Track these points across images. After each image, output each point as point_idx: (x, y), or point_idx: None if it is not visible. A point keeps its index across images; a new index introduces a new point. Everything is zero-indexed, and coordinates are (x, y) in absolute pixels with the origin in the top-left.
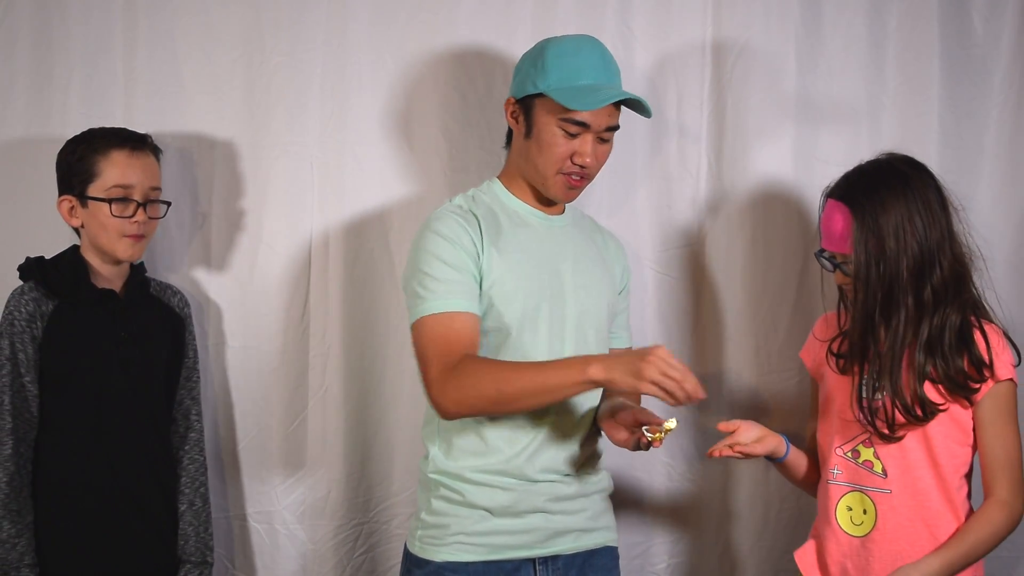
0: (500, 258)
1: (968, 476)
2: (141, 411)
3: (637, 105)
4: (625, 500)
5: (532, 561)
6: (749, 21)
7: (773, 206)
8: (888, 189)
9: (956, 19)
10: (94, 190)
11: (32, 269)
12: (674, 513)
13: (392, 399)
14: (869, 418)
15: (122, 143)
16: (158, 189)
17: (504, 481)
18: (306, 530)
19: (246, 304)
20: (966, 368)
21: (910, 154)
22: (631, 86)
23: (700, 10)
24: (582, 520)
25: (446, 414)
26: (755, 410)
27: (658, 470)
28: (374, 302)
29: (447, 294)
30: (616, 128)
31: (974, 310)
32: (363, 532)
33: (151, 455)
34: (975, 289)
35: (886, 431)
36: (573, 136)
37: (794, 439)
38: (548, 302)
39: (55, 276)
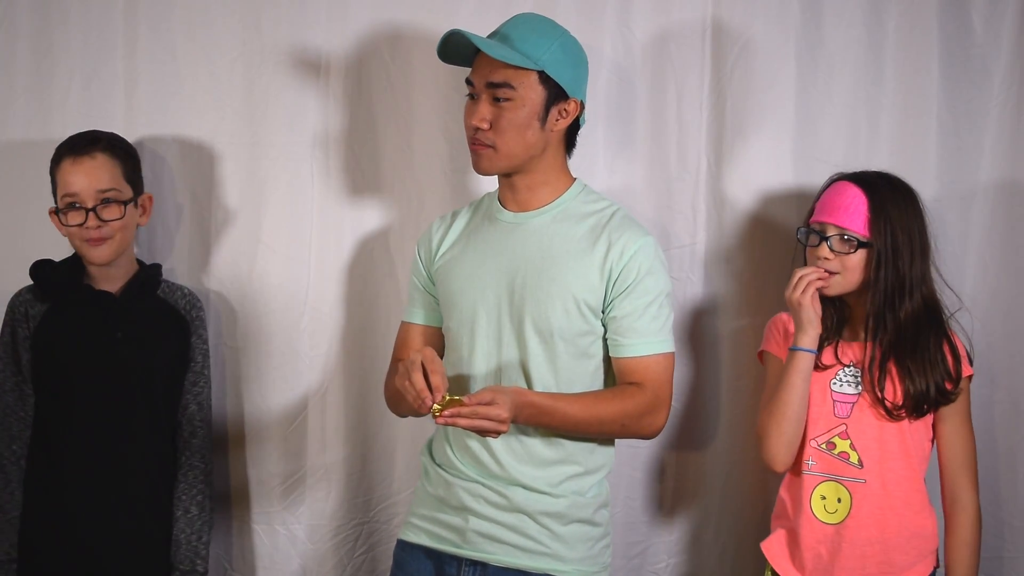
0: (457, 262)
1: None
2: (136, 413)
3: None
4: (624, 500)
5: (460, 561)
6: (749, 21)
7: (773, 206)
8: (906, 195)
9: (956, 19)
10: (58, 201)
11: (32, 271)
12: (673, 512)
13: None
14: (878, 388)
15: (67, 152)
16: (111, 190)
17: (446, 474)
18: (306, 530)
19: (246, 304)
20: (945, 382)
21: (910, 153)
22: (631, 84)
23: (700, 10)
24: (516, 536)
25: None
26: (751, 410)
27: (657, 469)
28: (374, 302)
29: (410, 305)
30: (503, 85)
31: (944, 331)
32: (363, 532)
33: (144, 458)
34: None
35: (892, 407)
36: (473, 100)
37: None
38: (488, 306)
39: (50, 278)
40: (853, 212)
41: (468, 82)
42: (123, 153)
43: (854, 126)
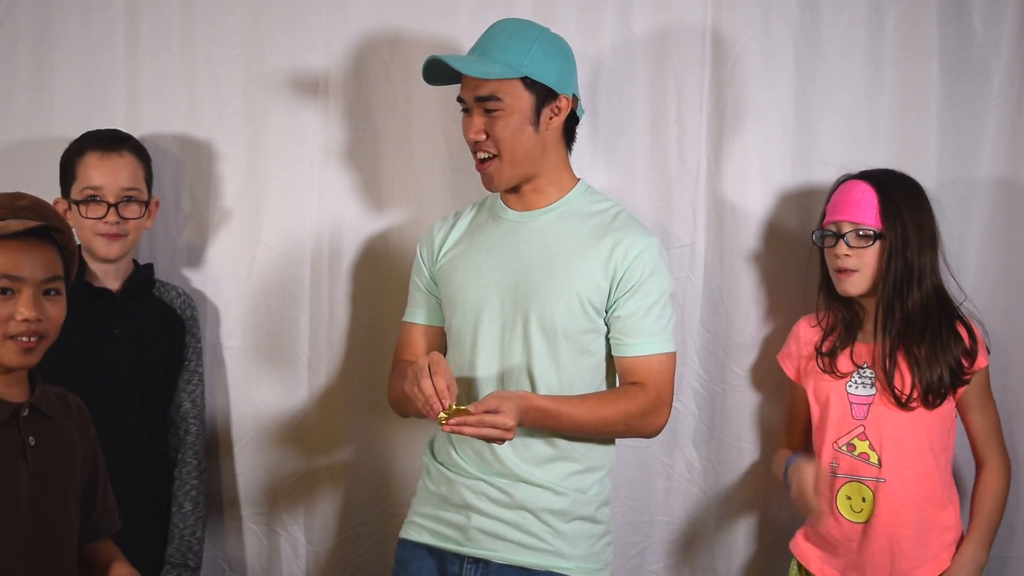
0: (460, 259)
1: (950, 452)
2: (132, 410)
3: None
4: (624, 499)
5: (462, 558)
6: (748, 22)
7: (772, 206)
8: (913, 188)
9: (956, 19)
10: (73, 192)
11: None
12: (672, 513)
13: None
14: (890, 384)
15: (95, 145)
16: (134, 189)
17: (448, 472)
18: (305, 531)
19: (245, 304)
20: (961, 361)
21: (909, 153)
22: (631, 85)
23: (699, 10)
24: (519, 534)
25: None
26: (751, 410)
27: (656, 470)
28: (373, 302)
29: (411, 306)
30: (490, 98)
31: (954, 316)
32: (363, 532)
33: (140, 455)
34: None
35: (904, 397)
36: (468, 115)
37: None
38: (492, 304)
39: None
40: (865, 206)
41: (460, 99)
42: (146, 156)
43: (854, 126)
